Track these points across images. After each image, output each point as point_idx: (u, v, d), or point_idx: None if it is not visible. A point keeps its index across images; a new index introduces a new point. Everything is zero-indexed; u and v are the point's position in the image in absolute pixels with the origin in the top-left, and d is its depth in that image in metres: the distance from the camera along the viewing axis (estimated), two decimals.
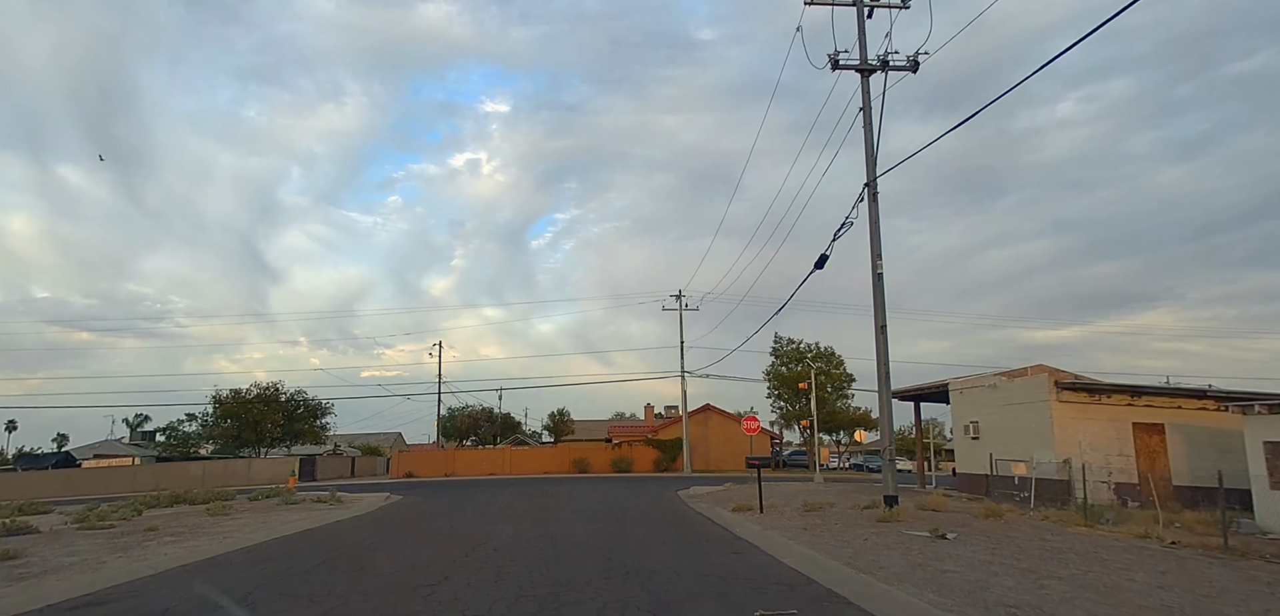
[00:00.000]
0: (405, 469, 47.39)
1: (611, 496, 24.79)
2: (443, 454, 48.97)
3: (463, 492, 29.55)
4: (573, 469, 47.05)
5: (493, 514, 18.30)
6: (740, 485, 29.23)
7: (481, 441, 59.19)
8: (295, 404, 53.46)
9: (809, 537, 12.08)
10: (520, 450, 49.26)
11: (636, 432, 52.27)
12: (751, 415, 29.15)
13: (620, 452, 47.55)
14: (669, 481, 35.74)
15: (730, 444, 50.64)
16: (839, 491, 24.10)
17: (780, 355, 51.72)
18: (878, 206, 15.39)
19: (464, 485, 36.15)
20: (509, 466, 47.74)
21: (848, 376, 50.02)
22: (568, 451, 48.23)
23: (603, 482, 35.26)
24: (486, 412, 61.04)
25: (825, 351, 51.08)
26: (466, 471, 47.44)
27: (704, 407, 50.93)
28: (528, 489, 30.42)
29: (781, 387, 50.46)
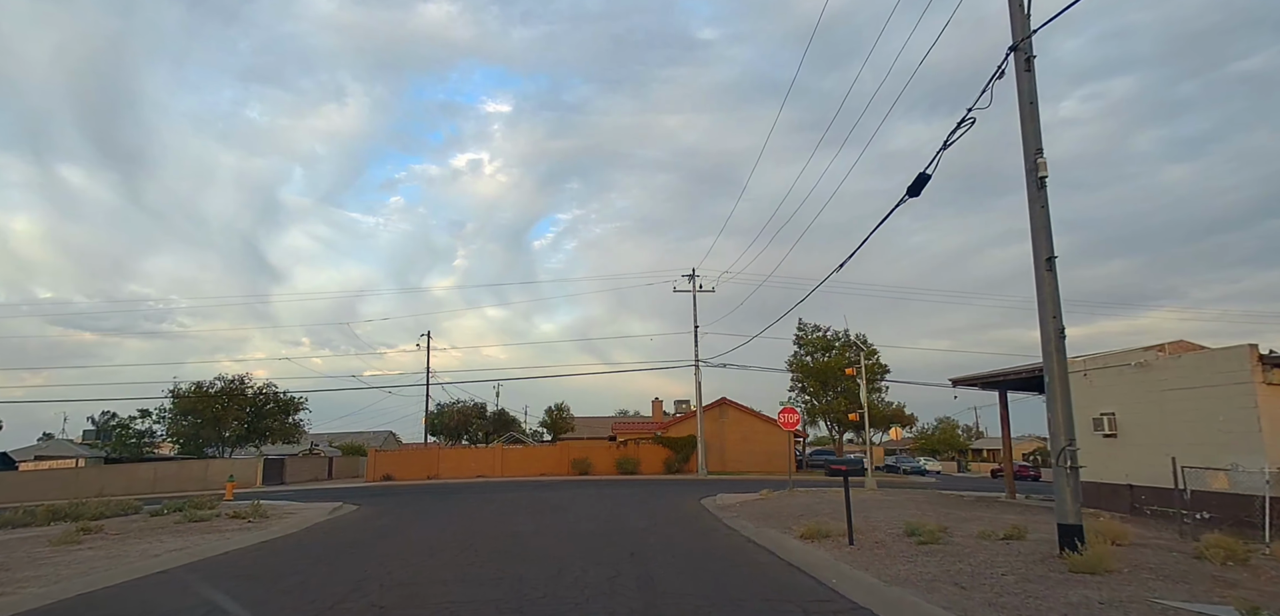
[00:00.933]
0: (383, 471, 41.99)
1: (620, 509, 19.36)
2: (426, 453, 43.59)
3: (435, 502, 24.13)
4: (572, 470, 41.63)
5: (451, 540, 12.88)
6: (777, 491, 23.81)
7: (474, 440, 53.73)
8: (263, 399, 48.06)
9: (988, 609, 6.62)
10: (514, 450, 43.93)
11: (643, 429, 46.82)
12: (788, 408, 23.58)
13: (626, 452, 42.11)
14: (685, 486, 30.30)
15: (749, 442, 45.18)
16: (919, 504, 18.63)
17: (805, 343, 46.24)
18: (1034, 81, 9.90)
19: (443, 490, 30.74)
20: (501, 467, 42.32)
21: (882, 367, 44.51)
22: (567, 450, 42.81)
23: (607, 487, 29.84)
24: (479, 409, 55.54)
25: (858, 340, 45.59)
26: (452, 473, 42.03)
27: (719, 401, 45.48)
28: (516, 496, 25.02)
29: (806, 379, 44.96)
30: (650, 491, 26.62)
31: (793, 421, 24.27)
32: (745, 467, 44.35)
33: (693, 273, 42.00)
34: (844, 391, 44.26)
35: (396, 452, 43.98)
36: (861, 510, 16.41)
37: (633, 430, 46.65)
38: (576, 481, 36.02)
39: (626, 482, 33.93)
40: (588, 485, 32.06)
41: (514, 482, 36.00)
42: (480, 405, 56.33)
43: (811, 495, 22.53)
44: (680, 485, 31.49)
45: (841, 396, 44.00)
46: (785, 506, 17.89)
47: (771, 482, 33.18)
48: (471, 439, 54.38)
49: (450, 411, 54.50)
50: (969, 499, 22.09)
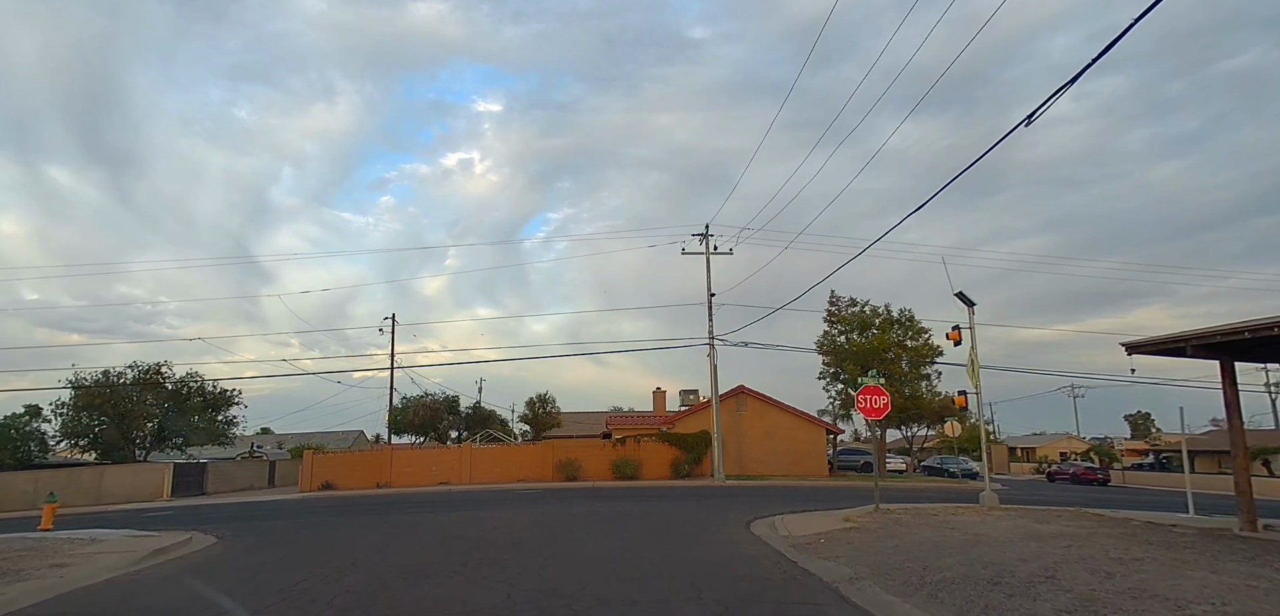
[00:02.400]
0: (322, 477, 33.89)
1: (629, 551, 11.44)
2: (376, 457, 35.50)
3: (347, 529, 16.18)
4: (557, 475, 33.69)
5: None
6: (847, 507, 16.04)
7: (442, 438, 45.65)
8: (185, 391, 39.80)
9: None
10: (486, 451, 35.93)
11: (645, 425, 38.87)
12: (872, 388, 15.61)
13: (624, 452, 34.19)
14: (707, 499, 22.46)
15: (772, 439, 37.32)
16: (1120, 541, 10.82)
17: (838, 320, 38.35)
18: None
19: (380, 506, 22.78)
20: (469, 472, 34.31)
21: (932, 349, 36.72)
22: (551, 451, 34.82)
23: (601, 500, 21.95)
24: (450, 402, 47.41)
25: (903, 317, 37.76)
26: (408, 479, 34.00)
27: (737, 390, 37.59)
28: (470, 518, 17.11)
29: (842, 363, 37.08)
30: (665, 508, 18.72)
31: (879, 407, 16.41)
32: (768, 469, 36.53)
33: (706, 229, 34.13)
34: (889, 377, 36.39)
35: (339, 456, 35.90)
36: (1043, 556, 8.51)
37: (632, 426, 38.74)
38: (561, 491, 28.06)
39: (627, 493, 25.99)
40: (576, 497, 24.11)
41: (481, 493, 28.04)
42: (452, 398, 48.27)
43: (918, 517, 14.77)
44: (699, 496, 23.60)
45: (887, 383, 36.10)
46: (918, 545, 10.02)
47: (816, 492, 25.32)
48: (441, 437, 46.34)
49: (417, 405, 46.31)
50: (1164, 526, 14.34)
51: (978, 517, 14.60)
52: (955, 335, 18.41)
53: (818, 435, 37.88)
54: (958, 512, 15.72)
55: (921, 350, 36.52)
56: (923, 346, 36.74)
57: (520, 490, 28.55)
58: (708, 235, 34.15)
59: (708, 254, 34.05)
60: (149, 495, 32.75)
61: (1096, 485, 41.72)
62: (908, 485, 32.86)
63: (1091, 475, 42.67)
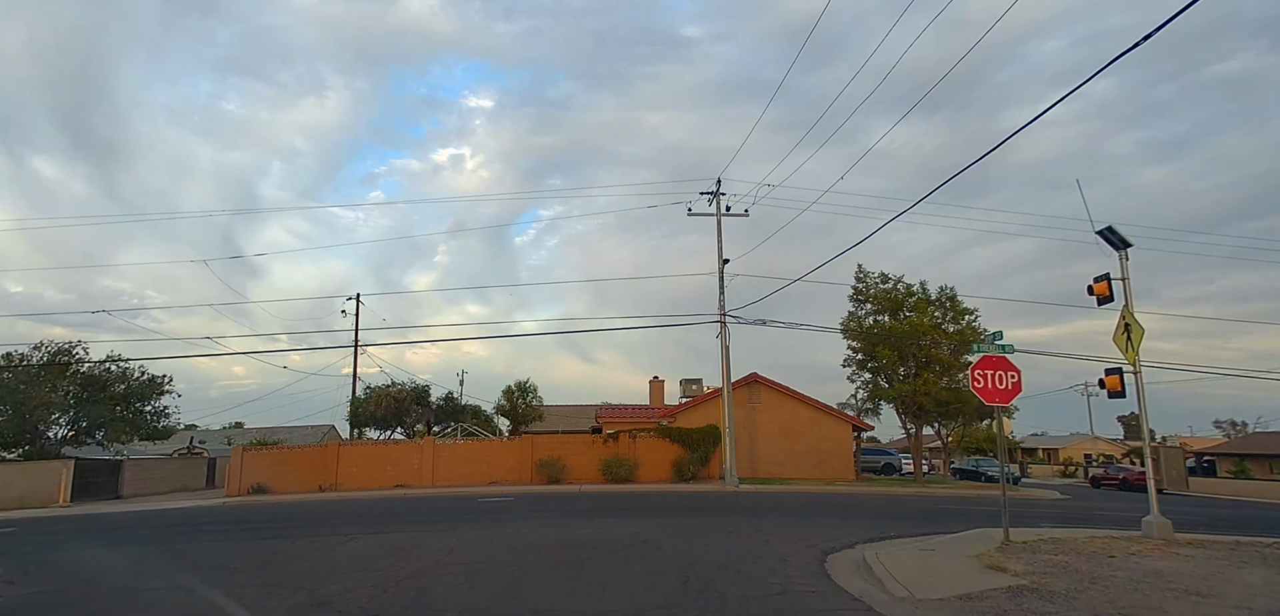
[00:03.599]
0: (253, 478, 28.22)
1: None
2: (320, 454, 29.75)
3: (208, 569, 10.53)
4: (538, 476, 28.18)
5: None
6: (952, 530, 10.77)
7: (409, 432, 39.94)
8: (105, 377, 33.93)
9: None
10: (451, 447, 30.26)
11: (641, 419, 33.36)
12: (994, 358, 9.89)
13: (617, 450, 28.67)
14: (724, 508, 17.07)
15: (790, 436, 31.92)
16: None
17: (867, 296, 32.98)
18: None
19: (301, 519, 17.27)
20: (431, 471, 28.69)
21: (976, 332, 31.41)
22: (531, 448, 29.25)
23: (591, 514, 16.48)
24: (418, 392, 41.64)
25: (944, 295, 32.44)
26: (357, 480, 28.40)
27: (749, 378, 32.16)
28: (396, 547, 11.58)
29: (875, 349, 31.71)
30: (679, 530, 13.23)
31: (1006, 389, 11.06)
32: (786, 471, 31.14)
33: (716, 186, 28.59)
34: (930, 365, 31.11)
35: (276, 454, 30.12)
36: None
37: (626, 420, 33.20)
38: (541, 498, 22.54)
39: (622, 502, 20.47)
40: (556, 508, 18.59)
41: (441, 500, 22.51)
42: (422, 388, 42.49)
43: (1083, 556, 9.44)
44: (716, 508, 18.15)
45: (926, 371, 30.84)
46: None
47: (859, 503, 19.87)
48: (409, 432, 40.62)
49: (380, 395, 40.47)
50: None
51: (1182, 562, 9.24)
52: (1103, 288, 12.96)
53: (843, 432, 32.50)
54: (1135, 548, 10.34)
55: (966, 334, 31.17)
56: (967, 330, 31.40)
57: (489, 497, 23.00)
58: (719, 193, 28.66)
59: (718, 214, 28.55)
60: (42, 499, 26.98)
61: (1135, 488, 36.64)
62: (958, 492, 27.52)
63: (1142, 479, 37.44)
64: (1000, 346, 11.63)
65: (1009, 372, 11.10)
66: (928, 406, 30.57)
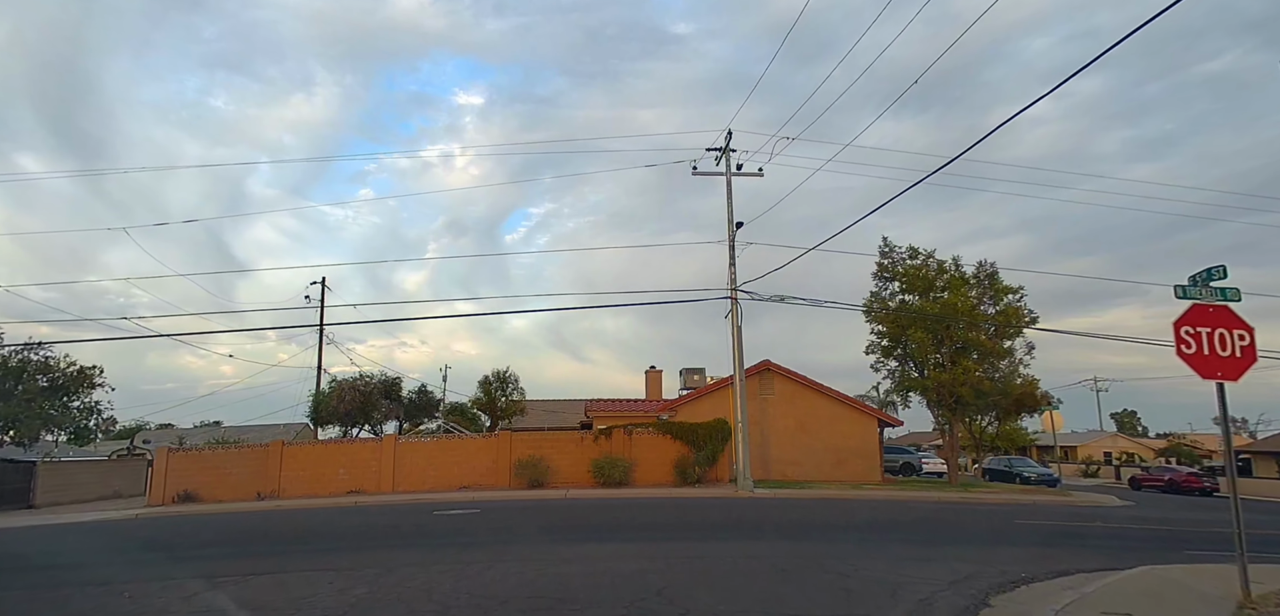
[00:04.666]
0: (182, 483, 23.94)
1: None
2: (260, 456, 25.32)
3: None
4: (517, 479, 24.02)
5: None
6: (1049, 559, 6.75)
7: (376, 427, 35.68)
8: (21, 366, 29.55)
9: None
10: (419, 447, 25.94)
11: (637, 413, 29.18)
12: (1222, 308, 5.54)
13: (609, 448, 24.52)
14: (750, 522, 13.06)
15: (807, 430, 27.89)
16: None
17: (894, 273, 28.98)
18: None
19: (198, 541, 13.09)
20: (391, 475, 24.46)
21: (1019, 314, 27.48)
22: (509, 447, 25.00)
23: (578, 536, 12.34)
24: (387, 385, 37.30)
25: (982, 272, 28.48)
26: (303, 486, 24.17)
27: (761, 366, 28.08)
28: (288, 594, 7.26)
29: (905, 333, 27.72)
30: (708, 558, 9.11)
31: (1232, 362, 6.92)
32: (802, 472, 27.12)
33: (726, 141, 24.44)
34: (967, 350, 27.14)
35: (210, 456, 25.67)
36: None
37: (619, 415, 29.01)
38: (519, 508, 18.41)
39: (616, 513, 16.36)
40: (532, 523, 14.46)
41: (396, 511, 18.36)
42: (391, 380, 38.14)
43: None
44: (740, 522, 14.07)
45: (964, 357, 26.86)
46: None
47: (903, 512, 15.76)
48: (375, 428, 36.34)
49: (344, 388, 36.09)
50: None
51: None
52: None
53: (867, 428, 28.46)
54: None
55: (1010, 316, 27.20)
56: (1011, 311, 27.42)
57: (455, 505, 18.84)
58: (729, 149, 24.51)
59: (728, 173, 24.42)
60: None
61: (1200, 494, 32.87)
62: (1011, 497, 23.53)
63: (1196, 483, 33.72)
64: (1219, 290, 7.46)
65: (1236, 331, 6.99)
66: (966, 397, 26.58)
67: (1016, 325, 27.05)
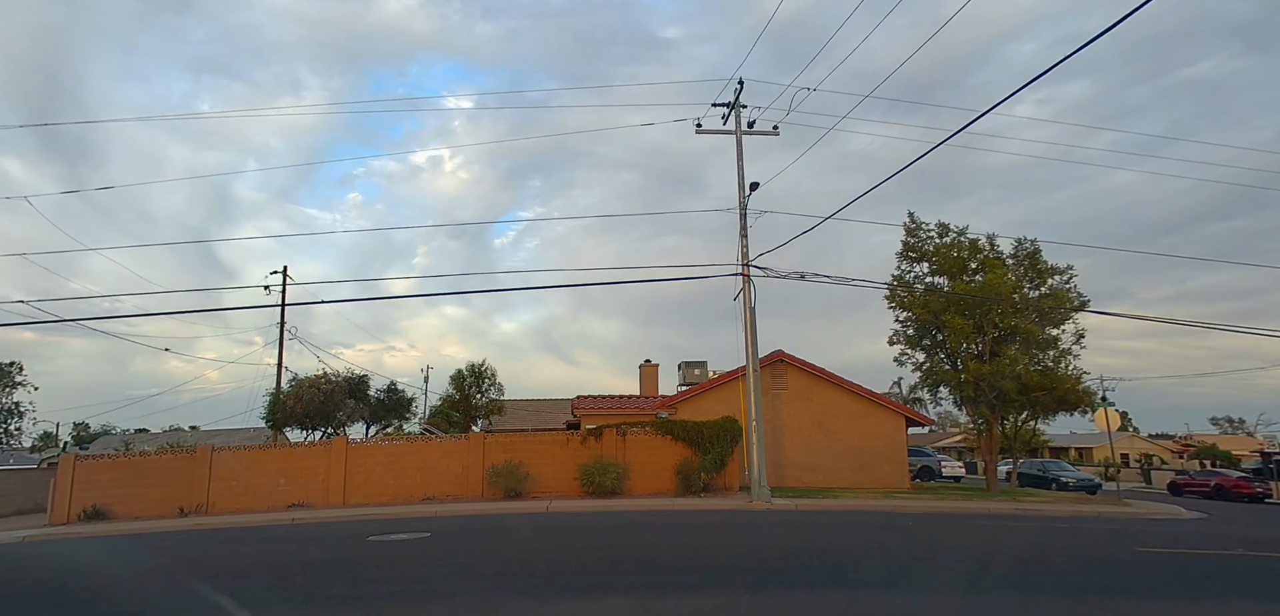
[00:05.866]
0: (91, 496, 20.12)
1: None
2: (188, 463, 21.47)
3: None
4: (492, 489, 20.38)
5: None
6: None
7: (337, 430, 31.86)
8: None
9: None
10: (379, 451, 22.16)
11: (631, 411, 25.53)
12: None
13: (599, 451, 20.90)
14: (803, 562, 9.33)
15: (826, 430, 24.46)
16: None
17: (923, 252, 25.57)
18: None
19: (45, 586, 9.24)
20: (343, 486, 20.76)
21: (1068, 298, 24.08)
22: (481, 451, 21.29)
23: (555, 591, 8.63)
24: (351, 384, 33.46)
25: (1021, 251, 25.10)
26: (236, 500, 20.43)
27: (773, 357, 24.59)
28: None
29: (936, 320, 24.28)
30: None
31: None
32: (821, 478, 23.69)
33: (736, 94, 20.89)
34: (1010, 338, 23.76)
35: (120, 463, 21.59)
36: None
37: (611, 412, 25.34)
38: (483, 525, 14.83)
39: (613, 536, 12.83)
40: (497, 555, 10.87)
41: (335, 534, 14.76)
42: (357, 378, 34.29)
43: None
44: (787, 555, 10.53)
45: (1007, 346, 23.46)
46: None
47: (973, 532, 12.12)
48: (336, 429, 32.50)
49: (304, 387, 32.22)
50: None
51: None
52: None
53: (894, 427, 24.98)
54: None
55: (1060, 299, 23.82)
56: (1060, 294, 24.03)
57: (402, 527, 15.18)
58: (738, 105, 20.96)
59: (738, 131, 20.89)
60: None
61: (1250, 500, 29.60)
62: (1073, 507, 20.07)
63: (1247, 488, 30.43)
64: None
65: None
66: (1011, 392, 23.14)
67: (1066, 309, 23.63)
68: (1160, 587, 8.60)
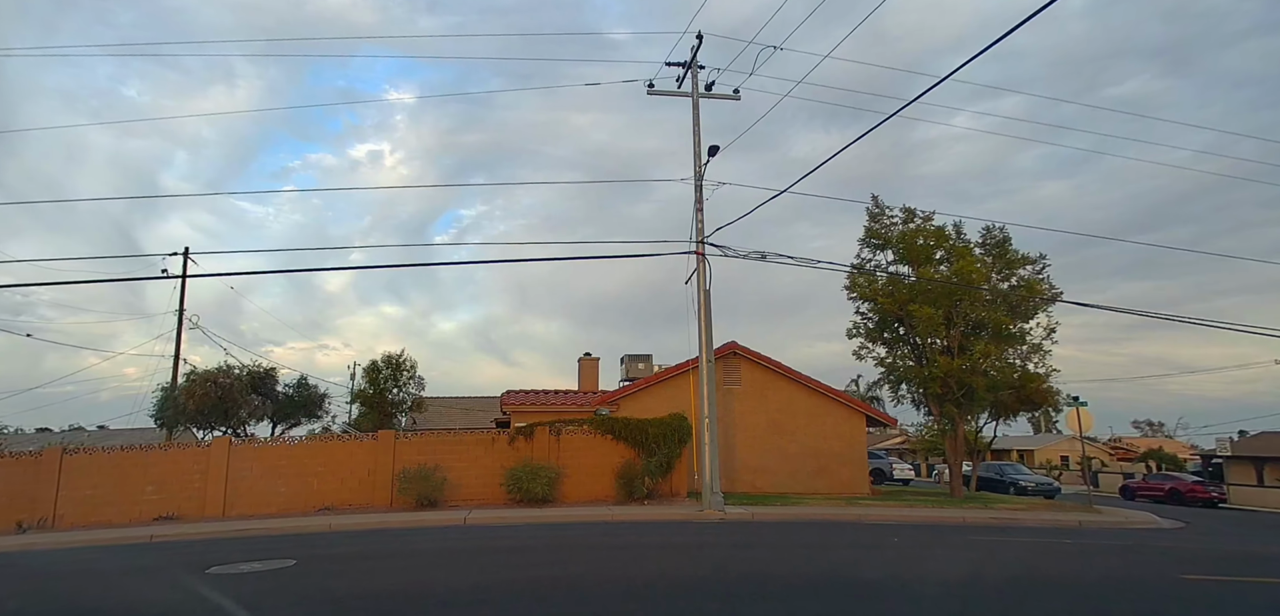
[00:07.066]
0: None
1: None
2: (32, 467, 17.84)
3: None
4: (402, 497, 17.51)
5: None
6: None
7: (234, 428, 28.19)
8: None
9: None
10: (267, 452, 18.93)
11: (568, 407, 22.81)
12: None
13: (529, 452, 18.25)
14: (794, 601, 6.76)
15: (782, 430, 22.34)
16: None
17: (887, 239, 23.73)
18: None
19: None
20: (222, 494, 17.54)
21: (1040, 290, 22.53)
22: (391, 452, 18.32)
23: None
24: (257, 378, 29.75)
25: (990, 239, 23.51)
26: (92, 512, 17.07)
27: (726, 349, 22.30)
28: None
29: (901, 311, 22.43)
30: None
31: None
32: (778, 482, 21.56)
33: (693, 51, 18.50)
34: (979, 331, 22.09)
35: None
36: None
37: (545, 409, 22.62)
38: (380, 545, 12.03)
39: (533, 563, 10.12)
40: (376, 596, 7.93)
41: (194, 552, 11.58)
42: (262, 372, 30.54)
43: None
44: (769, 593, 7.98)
45: (976, 340, 21.78)
46: None
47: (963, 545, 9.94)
48: (236, 429, 28.83)
49: (199, 381, 28.34)
50: None
51: None
52: None
53: (855, 426, 23.01)
54: None
55: (1033, 289, 22.25)
56: (1033, 284, 22.47)
57: (264, 553, 12.27)
58: (695, 64, 18.57)
59: (696, 95, 18.51)
60: None
61: (1205, 504, 28.90)
62: (1053, 517, 18.35)
63: (1202, 492, 29.73)
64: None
65: None
66: (979, 389, 21.41)
67: (1039, 301, 22.06)
68: None
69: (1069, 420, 21.80)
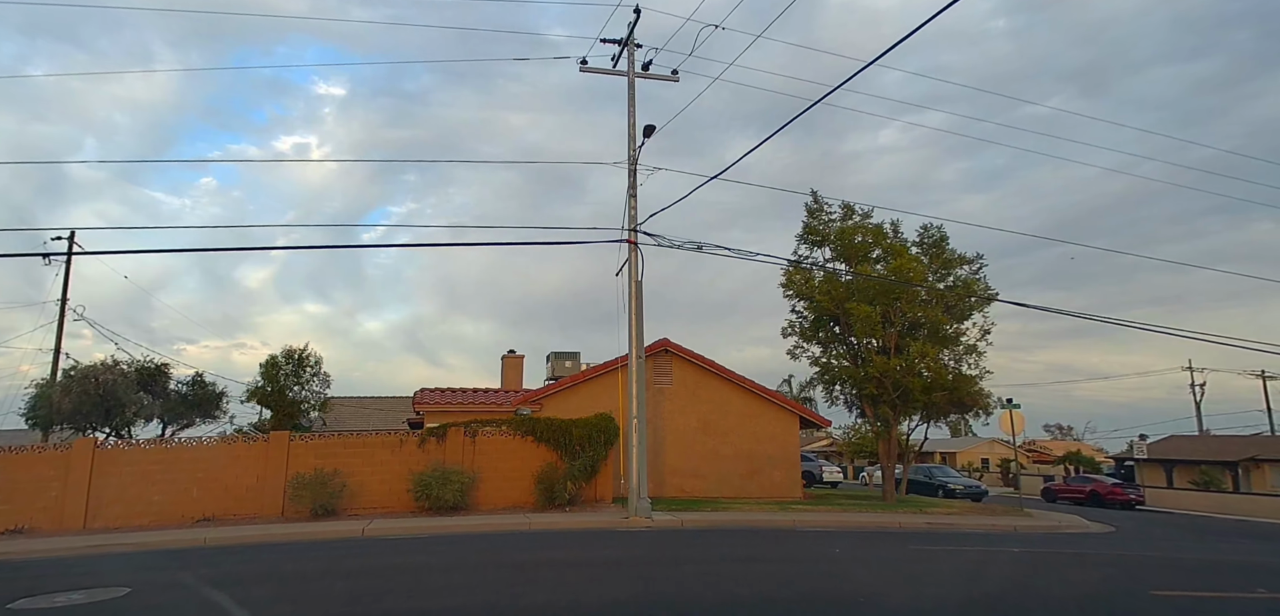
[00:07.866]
0: None
1: None
2: None
3: None
4: (295, 506, 15.70)
5: None
6: None
7: (118, 429, 25.47)
8: None
9: None
10: (141, 455, 16.79)
11: (487, 407, 21.23)
12: None
13: (442, 455, 16.70)
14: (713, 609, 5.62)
15: (712, 431, 21.42)
16: None
17: (825, 236, 23.10)
18: None
19: None
20: (85, 507, 15.38)
21: (976, 290, 22.28)
22: (285, 455, 16.46)
23: None
24: (147, 373, 26.99)
25: (927, 239, 23.16)
26: None
27: (657, 346, 21.18)
28: None
29: (838, 309, 21.79)
30: None
31: None
32: (708, 487, 20.61)
33: (630, 27, 17.28)
34: (916, 331, 21.66)
35: None
36: None
37: (461, 408, 20.99)
38: (249, 566, 10.32)
39: (431, 584, 8.62)
40: None
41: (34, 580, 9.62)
42: (153, 367, 27.76)
43: None
44: None
45: (912, 340, 21.32)
46: None
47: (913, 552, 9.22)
48: (121, 427, 26.07)
49: (78, 378, 25.43)
50: None
51: None
52: None
53: (788, 428, 22.27)
54: None
55: (971, 288, 21.94)
56: (972, 284, 22.16)
57: (111, 578, 10.46)
58: (632, 41, 17.38)
59: (631, 75, 17.32)
60: None
61: (1123, 507, 29.48)
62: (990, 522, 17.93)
63: (1121, 495, 30.33)
64: None
65: None
66: (915, 390, 20.94)
67: (979, 298, 21.77)
68: None
69: (1002, 422, 21.56)
